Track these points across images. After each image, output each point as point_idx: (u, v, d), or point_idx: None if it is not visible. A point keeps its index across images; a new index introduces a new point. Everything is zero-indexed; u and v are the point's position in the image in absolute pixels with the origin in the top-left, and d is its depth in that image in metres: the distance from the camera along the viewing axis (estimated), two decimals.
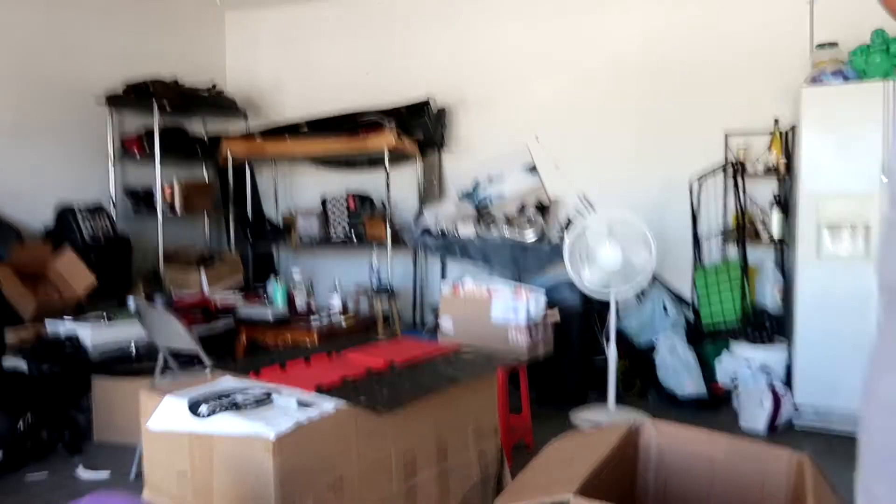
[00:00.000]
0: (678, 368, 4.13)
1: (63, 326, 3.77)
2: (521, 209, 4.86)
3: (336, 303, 3.88)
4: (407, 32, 5.46)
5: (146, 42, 5.33)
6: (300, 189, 5.90)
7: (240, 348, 3.74)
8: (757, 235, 4.33)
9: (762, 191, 4.36)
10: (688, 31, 4.62)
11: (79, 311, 4.12)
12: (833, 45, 3.94)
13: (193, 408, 1.75)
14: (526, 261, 4.45)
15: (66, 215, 4.39)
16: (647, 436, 1.87)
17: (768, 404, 3.79)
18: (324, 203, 5.33)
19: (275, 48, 5.97)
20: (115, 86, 4.88)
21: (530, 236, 4.52)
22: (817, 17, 4.23)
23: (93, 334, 3.71)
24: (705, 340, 4.35)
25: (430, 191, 5.40)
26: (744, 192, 4.33)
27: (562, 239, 4.37)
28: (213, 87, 5.50)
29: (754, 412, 3.80)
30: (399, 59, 5.47)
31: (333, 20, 5.72)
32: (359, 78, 5.59)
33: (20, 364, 3.57)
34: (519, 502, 1.49)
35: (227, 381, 1.99)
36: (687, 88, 4.63)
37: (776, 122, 4.28)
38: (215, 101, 5.42)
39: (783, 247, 4.28)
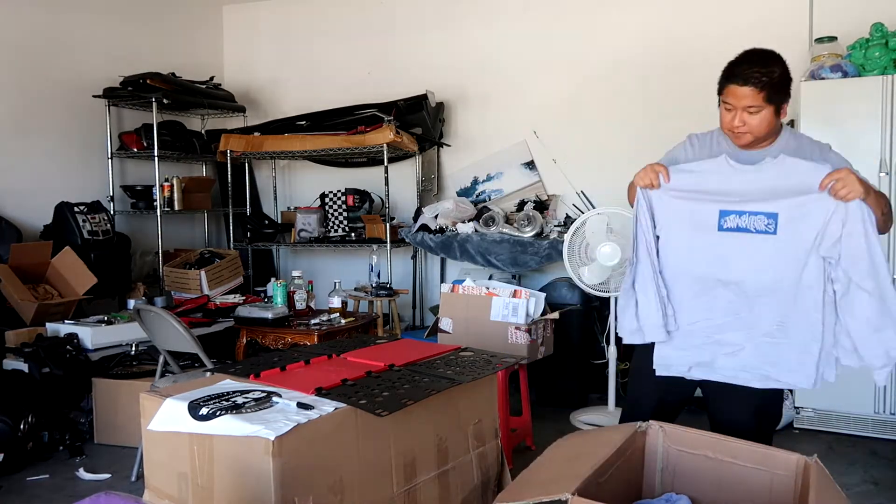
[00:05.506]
0: None
1: (63, 327, 3.77)
2: (520, 206, 4.85)
3: (336, 303, 3.87)
4: (406, 28, 5.44)
5: (143, 37, 5.32)
6: (299, 186, 5.89)
7: (240, 349, 3.73)
8: None
9: None
10: (685, 26, 4.61)
11: (79, 311, 4.12)
12: (832, 39, 3.92)
13: (194, 409, 1.75)
14: (525, 258, 4.44)
15: (64, 213, 4.37)
16: (653, 438, 1.87)
17: None
18: (323, 200, 5.33)
19: (273, 43, 5.95)
20: (113, 82, 4.87)
21: (529, 233, 4.51)
22: (816, 11, 4.21)
23: (93, 335, 3.71)
24: None
25: (429, 188, 5.39)
26: None
27: (560, 235, 4.36)
28: (211, 78, 5.48)
29: None
30: (398, 54, 5.46)
31: (332, 15, 5.71)
32: (358, 73, 5.58)
33: (21, 365, 3.56)
34: (518, 500, 1.49)
35: (228, 383, 1.99)
36: (685, 83, 4.61)
37: None
38: (213, 96, 5.40)
39: None
